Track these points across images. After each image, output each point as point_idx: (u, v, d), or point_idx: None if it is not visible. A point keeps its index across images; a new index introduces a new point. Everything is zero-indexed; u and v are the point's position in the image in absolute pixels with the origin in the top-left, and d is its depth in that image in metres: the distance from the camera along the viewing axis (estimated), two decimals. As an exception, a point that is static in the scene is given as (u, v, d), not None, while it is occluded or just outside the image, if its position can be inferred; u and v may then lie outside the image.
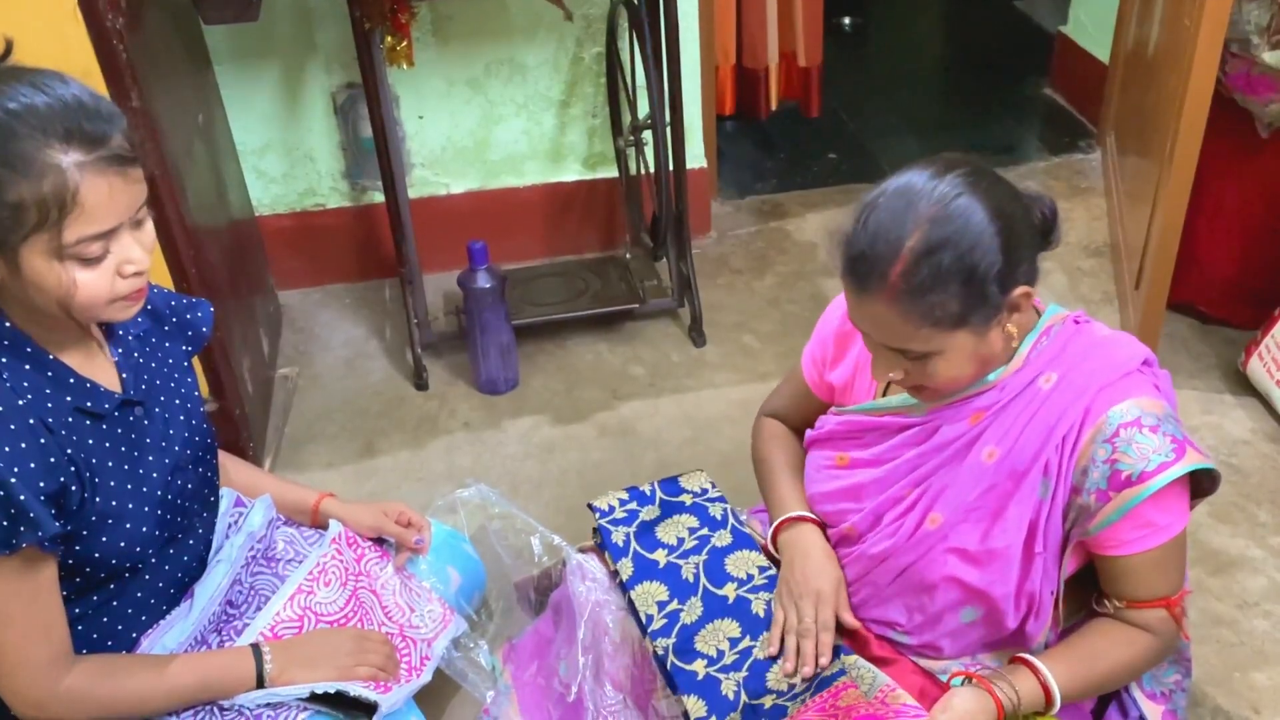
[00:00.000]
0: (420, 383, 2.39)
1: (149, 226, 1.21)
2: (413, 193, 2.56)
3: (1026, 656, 1.27)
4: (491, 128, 2.63)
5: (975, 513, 1.29)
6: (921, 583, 1.34)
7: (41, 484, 1.17)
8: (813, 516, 1.46)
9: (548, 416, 2.30)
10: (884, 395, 1.40)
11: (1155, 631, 1.27)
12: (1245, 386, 2.24)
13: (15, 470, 1.14)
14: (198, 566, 1.47)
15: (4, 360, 1.19)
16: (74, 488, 1.22)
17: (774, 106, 3.16)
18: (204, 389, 1.95)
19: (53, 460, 1.19)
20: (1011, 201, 1.19)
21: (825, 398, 1.51)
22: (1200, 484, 1.26)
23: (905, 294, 1.14)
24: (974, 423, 1.28)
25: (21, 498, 1.14)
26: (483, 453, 2.21)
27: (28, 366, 1.21)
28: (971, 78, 3.89)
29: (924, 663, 1.37)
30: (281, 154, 2.59)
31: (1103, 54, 3.12)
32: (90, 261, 1.14)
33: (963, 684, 1.26)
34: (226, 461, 1.61)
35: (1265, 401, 2.18)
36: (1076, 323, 1.31)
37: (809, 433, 1.47)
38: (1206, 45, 1.93)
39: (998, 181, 1.19)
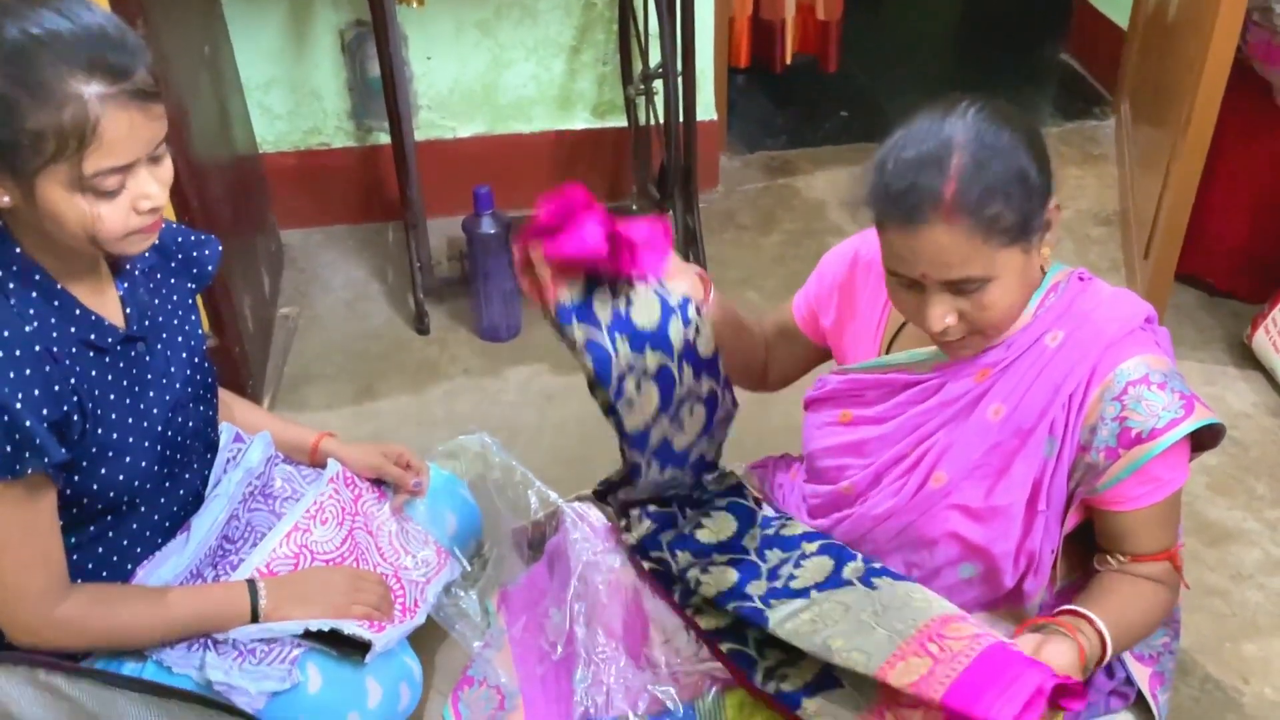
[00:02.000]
0: (421, 327, 2.38)
1: (167, 163, 1.20)
2: (419, 135, 2.53)
3: (1078, 609, 1.25)
4: (500, 71, 2.60)
5: (980, 470, 1.29)
6: (922, 538, 1.34)
7: (45, 411, 1.16)
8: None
9: (548, 365, 2.29)
10: (887, 352, 1.39)
11: (1163, 582, 1.29)
12: (1249, 360, 2.23)
13: (20, 396, 1.14)
14: (194, 502, 1.47)
15: (13, 287, 1.19)
16: (76, 418, 1.21)
17: (789, 60, 3.12)
18: (204, 325, 1.94)
19: (57, 389, 1.18)
20: (1023, 118, 1.20)
21: (811, 336, 1.51)
22: (1200, 439, 1.26)
23: (963, 209, 1.13)
24: (980, 380, 1.28)
25: (27, 423, 1.14)
26: (482, 399, 2.21)
27: (36, 295, 1.21)
28: (988, 40, 3.84)
29: None
30: (287, 91, 2.56)
31: (1121, 19, 3.08)
32: (106, 195, 1.13)
33: (1040, 632, 1.21)
34: (227, 399, 1.60)
35: (1269, 375, 2.18)
36: (1081, 279, 1.30)
37: (809, 392, 1.46)
38: (1229, 12, 1.91)
39: (1004, 105, 1.20)
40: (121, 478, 1.29)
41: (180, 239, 1.46)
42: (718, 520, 1.46)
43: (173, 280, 1.44)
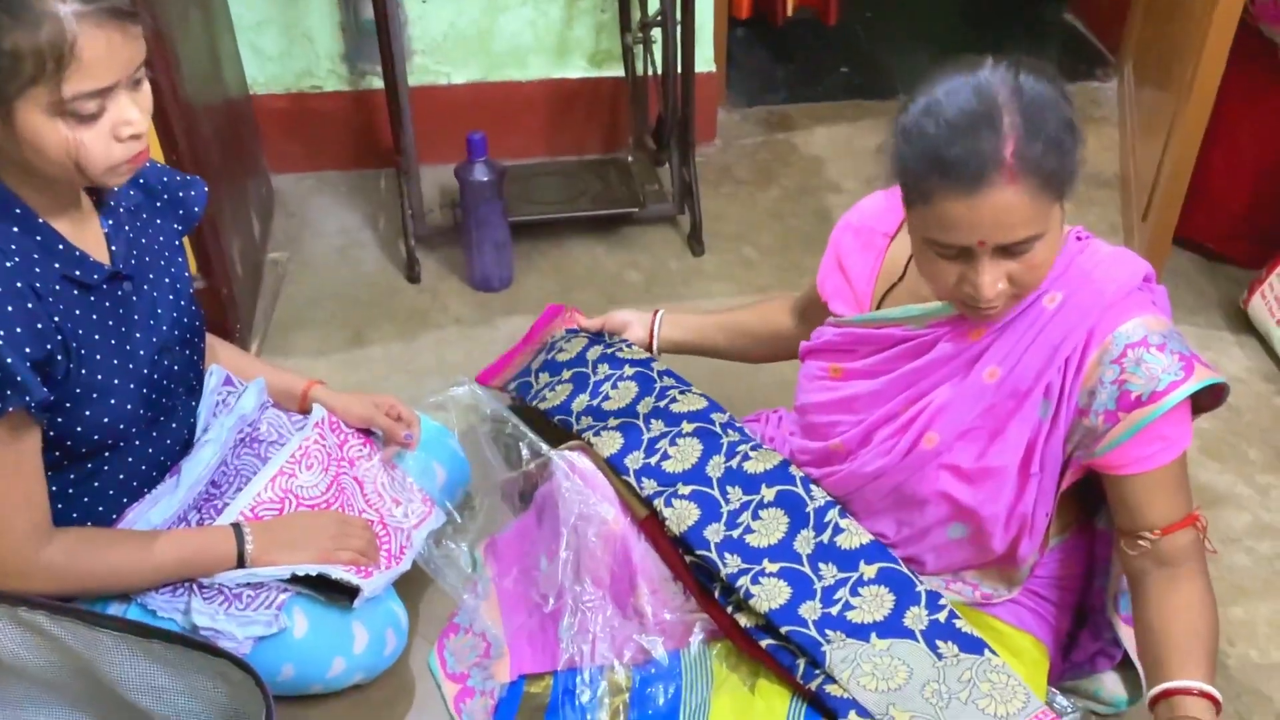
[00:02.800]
0: (413, 275, 2.35)
1: (147, 89, 1.17)
2: (412, 80, 2.49)
3: (1170, 686, 1.18)
4: (496, 16, 2.55)
5: (973, 432, 1.27)
6: (912, 498, 1.33)
7: (28, 349, 1.14)
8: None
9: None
10: (878, 307, 1.37)
11: (1195, 558, 1.24)
12: (1245, 325, 2.22)
13: (2, 334, 1.12)
14: (180, 448, 1.45)
15: None
16: (59, 357, 1.20)
17: (790, 12, 3.07)
18: (192, 267, 1.92)
19: (40, 326, 1.16)
20: (1049, 69, 1.17)
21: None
22: (1200, 400, 1.24)
23: (1024, 169, 1.09)
24: (975, 339, 1.26)
25: (9, 361, 1.12)
26: (473, 349, 2.19)
27: (16, 229, 1.18)
28: (990, -1, 3.79)
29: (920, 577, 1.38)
30: (279, 31, 2.51)
31: (1127, -20, 3.04)
32: (86, 120, 1.11)
33: None
34: (214, 343, 1.59)
35: (1264, 341, 2.17)
36: (1079, 239, 1.28)
37: (804, 343, 1.45)
38: (1237, -28, 1.88)
39: (1019, 57, 1.16)
40: (106, 419, 1.28)
41: (166, 179, 1.44)
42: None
43: (158, 220, 1.41)
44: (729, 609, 1.36)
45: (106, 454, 1.33)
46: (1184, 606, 1.23)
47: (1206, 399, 1.25)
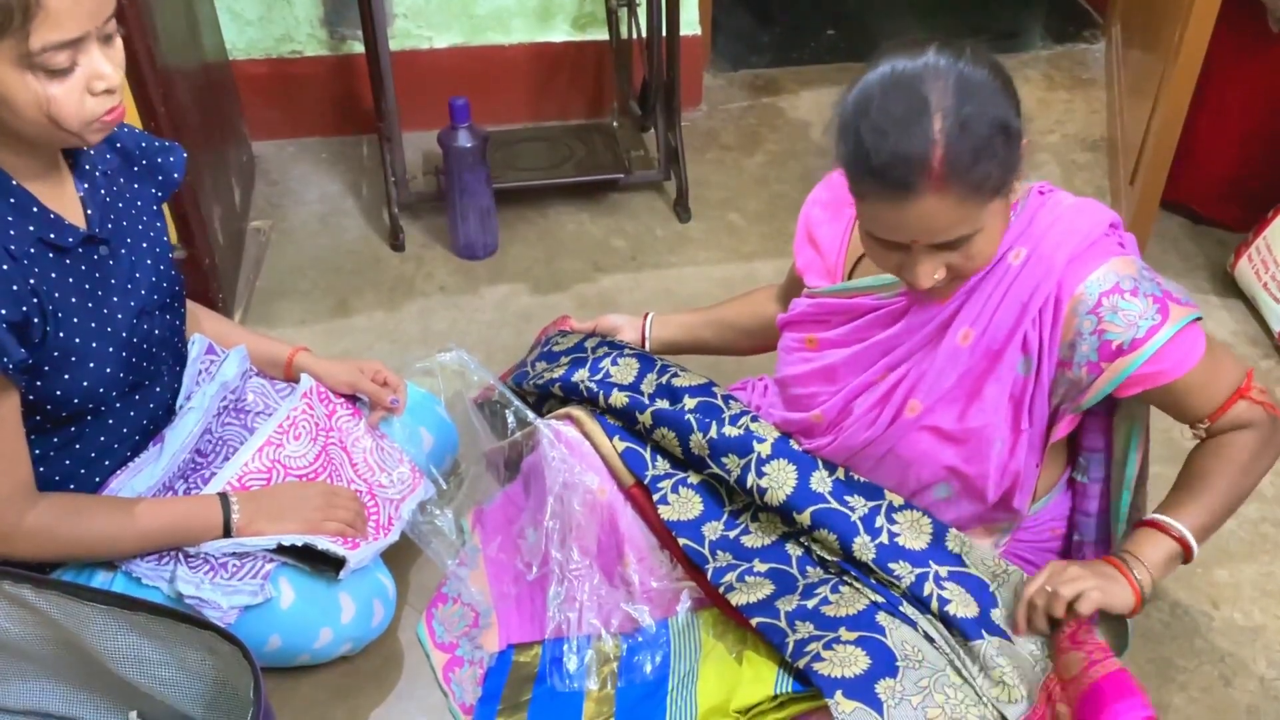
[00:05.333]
0: (396, 243, 2.33)
1: (119, 43, 1.15)
2: (393, 45, 2.45)
3: (1154, 518, 1.26)
4: (479, -20, 2.52)
5: (952, 393, 1.28)
6: (900, 462, 1.34)
7: (4, 312, 1.13)
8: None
9: (526, 285, 2.26)
10: (849, 278, 1.37)
11: (1251, 423, 1.26)
12: (1231, 289, 2.22)
13: None
14: (164, 415, 1.44)
15: None
16: (36, 320, 1.18)
17: (775, -25, 3.04)
18: (173, 236, 1.89)
19: (15, 289, 1.15)
20: (988, 55, 1.14)
21: None
22: None
23: (952, 177, 1.07)
24: (943, 301, 1.26)
25: None
26: (458, 318, 2.17)
27: None
28: (978, -41, 3.76)
29: None
30: (257, -5, 2.47)
31: (1115, -60, 3.01)
32: (58, 74, 1.10)
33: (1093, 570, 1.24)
34: (198, 312, 1.57)
35: (1250, 304, 2.17)
36: (1041, 194, 1.27)
37: (781, 315, 1.44)
38: (1226, -68, 1.86)
39: (964, 44, 1.13)
40: (85, 383, 1.26)
41: (144, 144, 1.42)
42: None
43: (136, 185, 1.39)
44: (720, 589, 1.36)
45: (88, 418, 1.32)
46: (1210, 451, 1.27)
47: None
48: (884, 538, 1.31)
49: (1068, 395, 1.25)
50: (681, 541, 1.39)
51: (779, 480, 1.36)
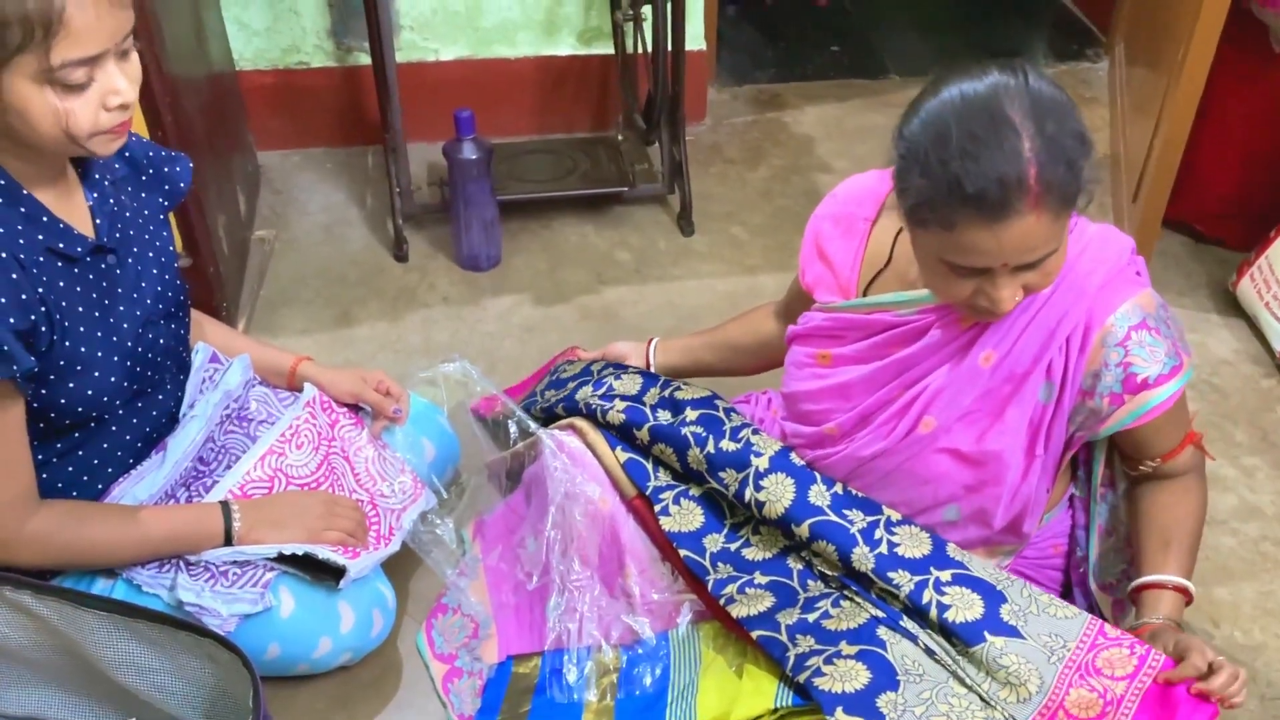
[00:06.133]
0: (400, 254, 2.34)
1: (135, 59, 1.16)
2: (400, 57, 2.46)
3: (1148, 580, 1.29)
4: (485, -7, 2.53)
5: (971, 415, 1.28)
6: (910, 480, 1.33)
7: (12, 320, 1.14)
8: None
9: (529, 296, 2.26)
10: (864, 294, 1.37)
11: (1194, 470, 1.34)
12: (1233, 307, 2.22)
13: None
14: (167, 423, 1.45)
15: None
16: (44, 328, 1.19)
17: (780, -9, 3.06)
18: (178, 244, 1.90)
19: (24, 297, 1.16)
20: (1042, 70, 1.14)
21: None
22: None
23: (1047, 193, 1.07)
24: (966, 325, 1.26)
25: None
26: (461, 329, 2.18)
27: (1, 201, 1.17)
28: (981, -23, 3.78)
29: None
30: (265, 5, 2.48)
31: (1119, -41, 3.03)
32: (74, 89, 1.10)
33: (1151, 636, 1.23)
34: (202, 320, 1.58)
35: (1252, 323, 2.17)
36: None
37: (791, 328, 1.44)
38: (1230, -48, 1.87)
39: (1016, 62, 1.13)
40: (90, 391, 1.27)
41: (151, 154, 1.43)
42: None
43: (144, 195, 1.40)
44: (721, 601, 1.36)
45: (91, 426, 1.32)
46: (1170, 503, 1.32)
47: None
48: (883, 548, 1.31)
49: (1085, 424, 1.26)
50: (683, 553, 1.39)
51: (777, 494, 1.36)
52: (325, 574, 1.42)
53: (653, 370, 1.68)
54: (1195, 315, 2.22)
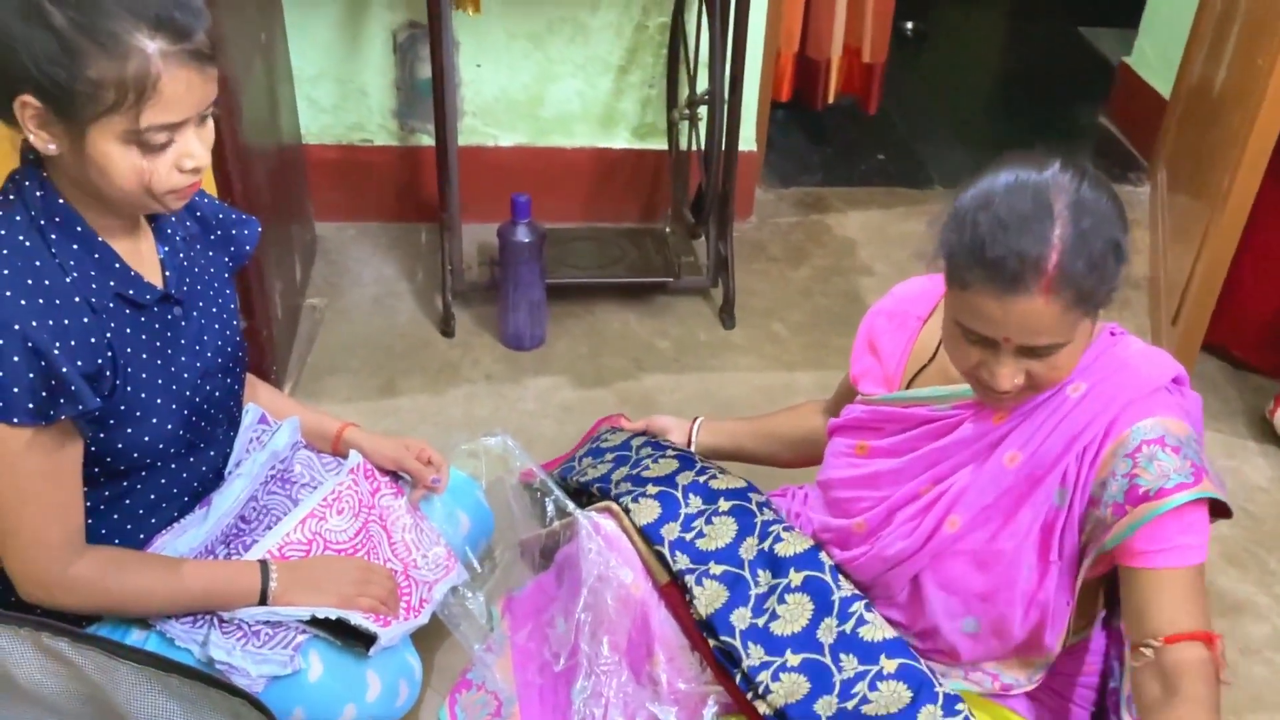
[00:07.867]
0: (447, 329, 2.39)
1: (211, 125, 1.22)
2: (461, 140, 2.54)
3: None
4: (547, 85, 2.62)
5: (987, 512, 1.28)
6: (932, 586, 1.33)
7: (80, 362, 1.18)
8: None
9: (570, 378, 2.30)
10: (908, 387, 1.39)
11: (1202, 682, 1.13)
12: (1270, 435, 2.22)
13: (58, 344, 1.15)
14: (214, 478, 1.47)
15: (55, 237, 1.20)
16: (108, 372, 1.23)
17: (831, 99, 3.14)
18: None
19: (93, 340, 1.20)
20: (1107, 181, 1.18)
21: None
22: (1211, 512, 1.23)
23: (1062, 282, 1.10)
24: (997, 422, 1.28)
25: (64, 370, 1.15)
26: (501, 405, 2.21)
27: (76, 246, 1.22)
28: (1027, 97, 3.86)
29: (939, 667, 1.37)
30: (335, 84, 2.58)
31: (1164, 88, 3.09)
32: (154, 150, 1.15)
33: None
34: (255, 383, 1.62)
35: (1289, 452, 2.17)
36: (1113, 334, 1.30)
37: (833, 420, 1.46)
38: (1278, 85, 1.91)
39: (1085, 165, 1.18)
40: (146, 438, 1.30)
41: (221, 215, 1.48)
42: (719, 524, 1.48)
43: (211, 253, 1.45)
44: (749, 695, 1.35)
45: (142, 473, 1.35)
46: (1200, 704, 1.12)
47: (1215, 513, 1.23)
48: (851, 704, 1.29)
49: (1093, 534, 1.25)
50: (712, 644, 1.39)
51: (795, 614, 1.38)
52: (355, 640, 1.43)
53: (693, 449, 1.69)
54: (1232, 441, 2.22)
